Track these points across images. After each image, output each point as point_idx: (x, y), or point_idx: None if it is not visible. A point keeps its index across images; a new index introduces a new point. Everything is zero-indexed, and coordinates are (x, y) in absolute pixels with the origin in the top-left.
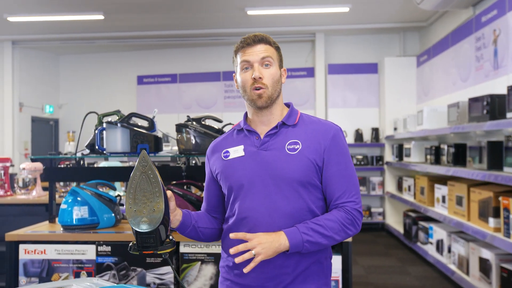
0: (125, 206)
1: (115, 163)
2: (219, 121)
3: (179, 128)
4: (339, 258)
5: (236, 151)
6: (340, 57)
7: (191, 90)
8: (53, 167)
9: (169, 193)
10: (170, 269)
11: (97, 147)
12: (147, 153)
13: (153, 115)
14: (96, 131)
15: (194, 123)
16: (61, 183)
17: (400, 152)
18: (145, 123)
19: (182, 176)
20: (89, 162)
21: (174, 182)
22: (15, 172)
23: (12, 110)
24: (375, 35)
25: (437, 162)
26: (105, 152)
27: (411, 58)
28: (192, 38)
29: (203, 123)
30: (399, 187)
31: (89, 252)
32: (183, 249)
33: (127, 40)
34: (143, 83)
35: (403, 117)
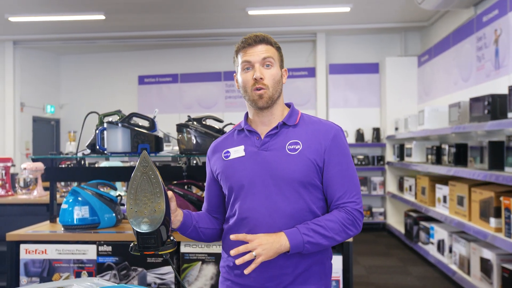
0: (126, 207)
1: (116, 163)
2: (220, 121)
3: (180, 128)
4: (340, 258)
5: (237, 151)
6: (341, 57)
7: (192, 90)
8: (54, 167)
9: (170, 193)
10: (170, 269)
11: (98, 147)
12: (148, 153)
13: (154, 115)
14: (97, 131)
15: (195, 123)
16: (62, 183)
17: (401, 152)
18: (146, 123)
19: (183, 176)
20: (90, 162)
21: (175, 182)
22: (16, 172)
23: (13, 110)
24: (376, 35)
25: (438, 162)
26: (106, 152)
27: (412, 58)
28: (193, 38)
29: (204, 123)
30: (400, 187)
31: (90, 252)
32: (183, 249)
33: (128, 40)
34: (144, 83)
35: (404, 117)
